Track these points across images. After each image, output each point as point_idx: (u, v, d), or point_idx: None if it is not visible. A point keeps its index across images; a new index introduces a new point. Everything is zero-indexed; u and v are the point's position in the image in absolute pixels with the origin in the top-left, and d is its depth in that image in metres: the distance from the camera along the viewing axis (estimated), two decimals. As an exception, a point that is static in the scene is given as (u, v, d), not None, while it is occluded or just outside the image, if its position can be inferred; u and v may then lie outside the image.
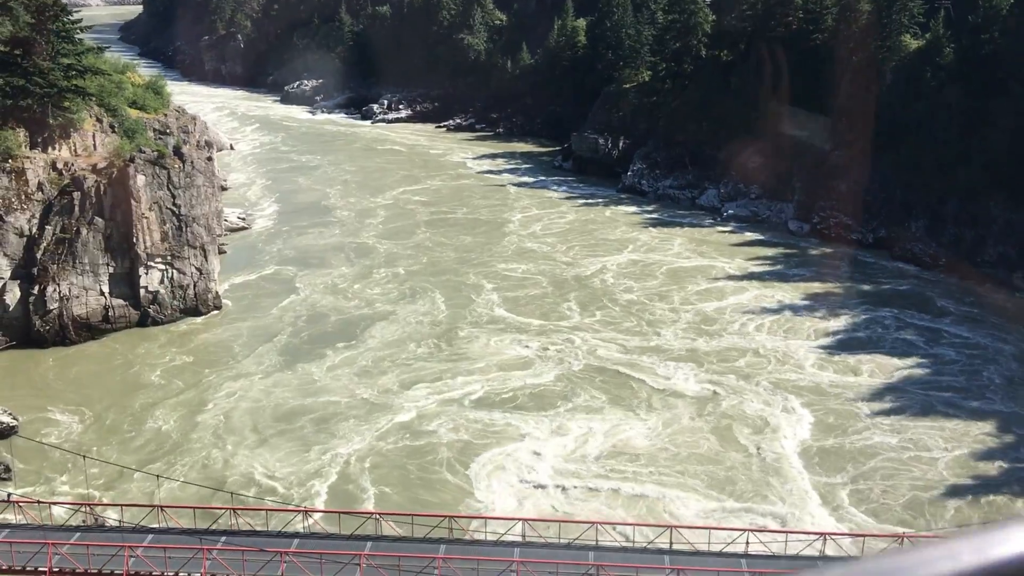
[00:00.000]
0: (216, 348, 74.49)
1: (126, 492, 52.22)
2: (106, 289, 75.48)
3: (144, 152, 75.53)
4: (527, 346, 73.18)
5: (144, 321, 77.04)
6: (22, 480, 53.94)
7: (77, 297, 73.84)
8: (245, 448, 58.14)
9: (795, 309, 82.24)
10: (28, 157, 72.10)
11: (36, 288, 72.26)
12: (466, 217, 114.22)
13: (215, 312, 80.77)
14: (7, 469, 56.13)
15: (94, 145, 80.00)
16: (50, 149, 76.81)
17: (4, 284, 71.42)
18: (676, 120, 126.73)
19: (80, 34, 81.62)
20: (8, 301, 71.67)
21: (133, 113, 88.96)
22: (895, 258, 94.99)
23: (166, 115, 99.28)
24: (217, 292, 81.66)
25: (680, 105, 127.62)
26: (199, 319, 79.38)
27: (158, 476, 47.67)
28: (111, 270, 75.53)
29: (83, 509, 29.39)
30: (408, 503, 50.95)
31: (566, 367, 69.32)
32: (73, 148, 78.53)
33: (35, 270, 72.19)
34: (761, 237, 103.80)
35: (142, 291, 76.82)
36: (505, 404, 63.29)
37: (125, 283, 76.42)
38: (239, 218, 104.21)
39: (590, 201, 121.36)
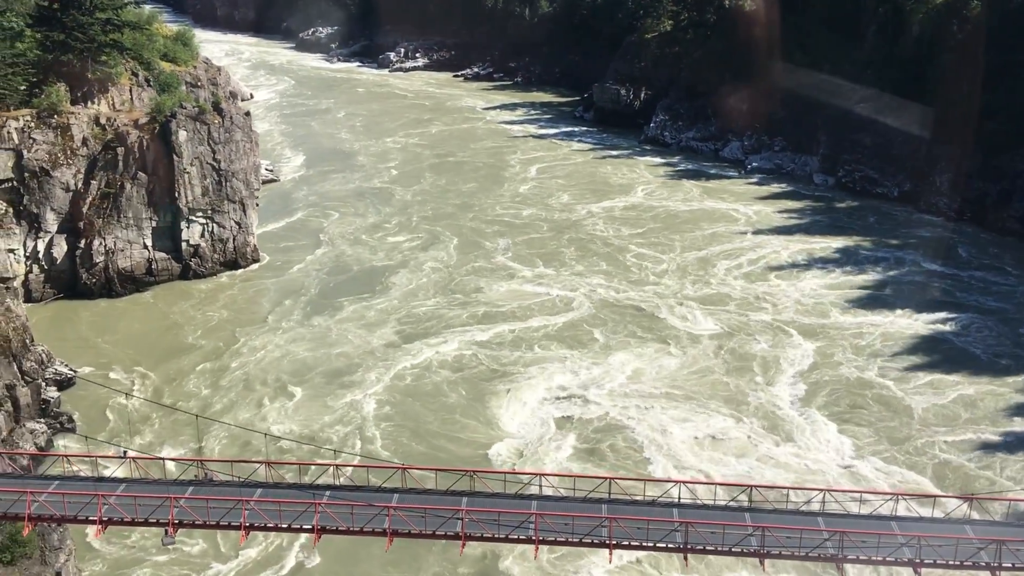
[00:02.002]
0: (256, 301, 76.13)
1: (200, 443, 54.38)
2: (149, 243, 76.89)
3: (185, 108, 76.28)
4: (557, 290, 74.99)
5: (186, 274, 78.59)
6: (87, 429, 56.17)
7: (122, 250, 75.28)
8: (297, 398, 60.12)
9: (823, 260, 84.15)
10: (72, 112, 72.92)
11: (82, 242, 73.67)
12: (487, 167, 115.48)
13: (253, 265, 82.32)
14: (70, 419, 58.29)
15: (131, 99, 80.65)
16: (89, 103, 77.52)
17: (51, 238, 72.79)
18: (699, 71, 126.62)
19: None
20: (55, 254, 73.12)
21: (166, 66, 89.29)
22: (920, 211, 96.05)
23: (195, 67, 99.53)
24: (255, 245, 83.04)
25: (703, 56, 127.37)
26: (238, 272, 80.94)
27: (238, 426, 49.68)
28: (154, 224, 76.86)
29: (196, 464, 31.16)
30: (459, 429, 53.73)
31: (604, 310, 71.20)
32: (111, 102, 79.22)
33: (81, 224, 73.49)
34: (786, 189, 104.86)
35: (184, 244, 78.23)
36: (539, 340, 65.43)
37: (167, 237, 77.80)
38: (267, 170, 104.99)
39: (613, 152, 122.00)
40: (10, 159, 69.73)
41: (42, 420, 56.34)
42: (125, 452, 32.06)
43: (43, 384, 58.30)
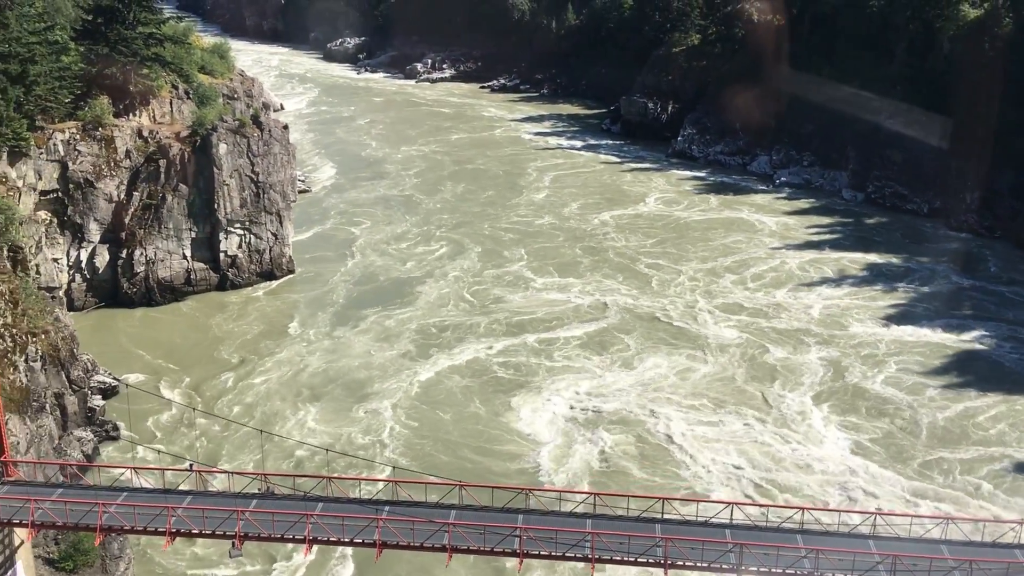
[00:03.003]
0: (290, 312, 77.19)
1: (239, 453, 55.40)
2: (188, 253, 78.16)
3: (226, 121, 77.59)
4: (592, 297, 75.78)
5: (223, 284, 79.80)
6: (132, 437, 57.30)
7: (162, 260, 76.58)
8: (331, 409, 61.06)
9: (852, 273, 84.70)
10: (116, 125, 74.33)
11: (124, 252, 75.00)
12: (512, 175, 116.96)
13: (288, 276, 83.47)
14: (115, 427, 59.43)
15: (171, 112, 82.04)
16: (131, 116, 78.92)
17: (94, 248, 74.15)
18: (727, 85, 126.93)
19: (160, 2, 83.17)
20: (98, 264, 74.48)
21: (204, 79, 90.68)
22: (950, 228, 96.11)
23: (231, 79, 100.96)
24: (290, 256, 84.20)
25: (731, 70, 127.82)
26: (274, 283, 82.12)
27: (287, 439, 50.59)
28: (193, 235, 78.14)
29: (260, 479, 32.02)
30: (494, 440, 54.56)
31: (631, 318, 71.89)
32: (152, 115, 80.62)
33: (123, 234, 74.83)
34: (815, 204, 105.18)
35: (222, 255, 79.47)
36: (567, 349, 66.26)
37: (206, 247, 79.07)
38: (300, 180, 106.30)
39: (640, 165, 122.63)
40: (56, 170, 71.17)
41: (88, 428, 57.48)
42: (191, 465, 32.95)
43: (89, 392, 59.49)
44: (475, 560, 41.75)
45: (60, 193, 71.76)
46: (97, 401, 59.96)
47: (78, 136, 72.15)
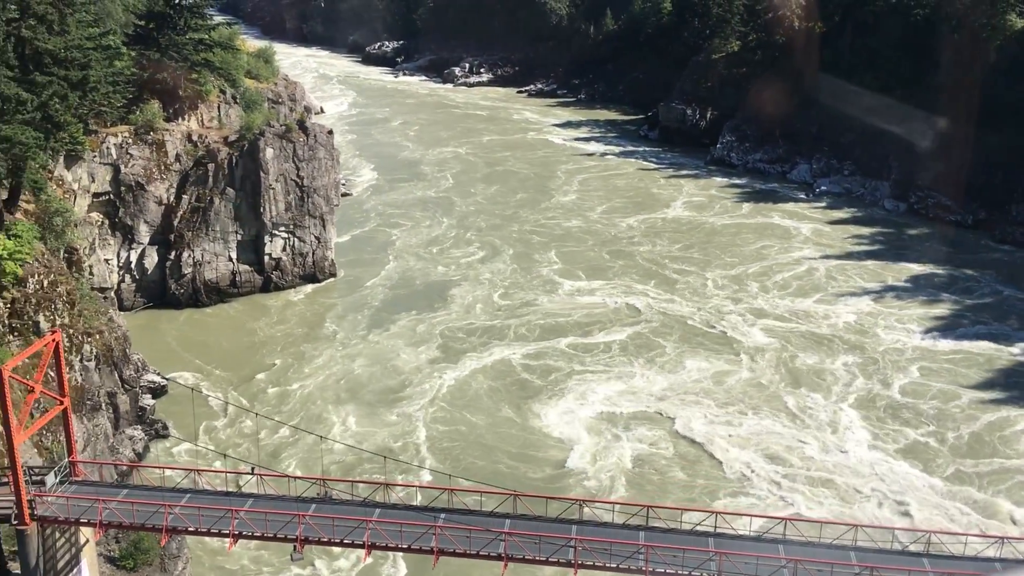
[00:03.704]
0: (331, 315, 78.17)
1: (297, 455, 56.30)
2: (234, 255, 79.40)
3: (273, 126, 78.74)
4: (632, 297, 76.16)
5: (267, 286, 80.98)
6: (179, 434, 58.44)
7: (209, 262, 77.86)
8: (375, 414, 61.82)
9: (895, 288, 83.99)
10: (167, 129, 75.72)
11: (172, 253, 76.35)
12: (546, 179, 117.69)
13: (331, 279, 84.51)
14: (165, 427, 60.60)
15: (219, 116, 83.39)
16: (180, 120, 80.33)
17: (143, 249, 75.59)
18: (766, 92, 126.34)
19: (209, 9, 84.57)
20: (147, 265, 75.92)
21: (249, 83, 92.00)
22: (996, 240, 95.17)
23: (276, 84, 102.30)
24: (332, 260, 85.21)
25: (771, 77, 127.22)
26: (316, 285, 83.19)
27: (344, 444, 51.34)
28: (239, 237, 79.36)
29: (319, 483, 32.70)
30: (537, 445, 55.04)
31: (671, 322, 72.13)
32: (201, 119, 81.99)
33: (171, 236, 76.18)
34: (856, 214, 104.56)
35: (266, 258, 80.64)
36: (605, 352, 66.67)
37: (251, 250, 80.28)
38: (342, 184, 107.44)
39: (678, 172, 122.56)
40: (108, 173, 72.65)
41: (139, 427, 58.70)
42: (253, 468, 33.72)
43: (140, 392, 60.71)
44: (514, 568, 42.15)
45: (112, 195, 73.23)
46: (147, 400, 61.16)
47: (130, 140, 73.59)
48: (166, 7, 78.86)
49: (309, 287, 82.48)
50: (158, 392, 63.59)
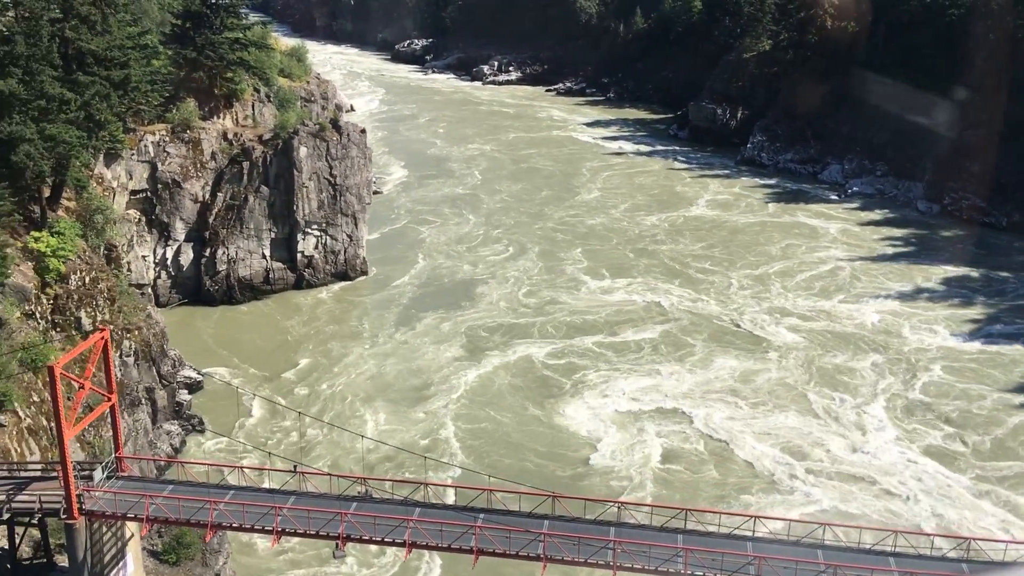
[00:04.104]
0: (362, 313, 78.85)
1: (331, 453, 56.89)
2: (268, 253, 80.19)
3: (307, 125, 79.40)
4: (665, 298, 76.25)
5: (299, 283, 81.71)
6: (215, 429, 59.22)
7: (243, 260, 78.69)
8: (406, 412, 62.29)
9: (926, 290, 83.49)
10: (203, 127, 76.56)
11: (207, 250, 77.24)
12: (570, 178, 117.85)
13: (362, 277, 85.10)
14: (200, 422, 61.41)
15: (253, 114, 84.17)
16: (215, 118, 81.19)
17: (179, 246, 76.53)
18: (798, 92, 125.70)
19: (245, 8, 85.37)
20: (182, 262, 76.85)
21: (283, 82, 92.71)
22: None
23: (308, 82, 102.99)
24: (364, 258, 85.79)
25: (803, 76, 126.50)
26: (347, 283, 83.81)
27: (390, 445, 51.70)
28: (272, 235, 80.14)
29: (360, 482, 33.15)
30: (565, 444, 55.32)
31: (699, 321, 72.14)
32: (235, 117, 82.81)
33: (207, 234, 77.05)
34: (889, 215, 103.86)
35: (299, 255, 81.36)
36: (633, 351, 66.83)
37: (284, 248, 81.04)
38: (372, 182, 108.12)
39: (709, 172, 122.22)
40: (145, 171, 73.61)
41: (176, 422, 59.56)
42: (295, 466, 34.21)
43: (176, 387, 61.57)
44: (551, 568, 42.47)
45: (149, 193, 74.21)
46: (184, 396, 62.02)
47: (167, 138, 74.51)
48: (203, 7, 79.69)
49: (340, 285, 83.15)
50: (194, 387, 64.46)
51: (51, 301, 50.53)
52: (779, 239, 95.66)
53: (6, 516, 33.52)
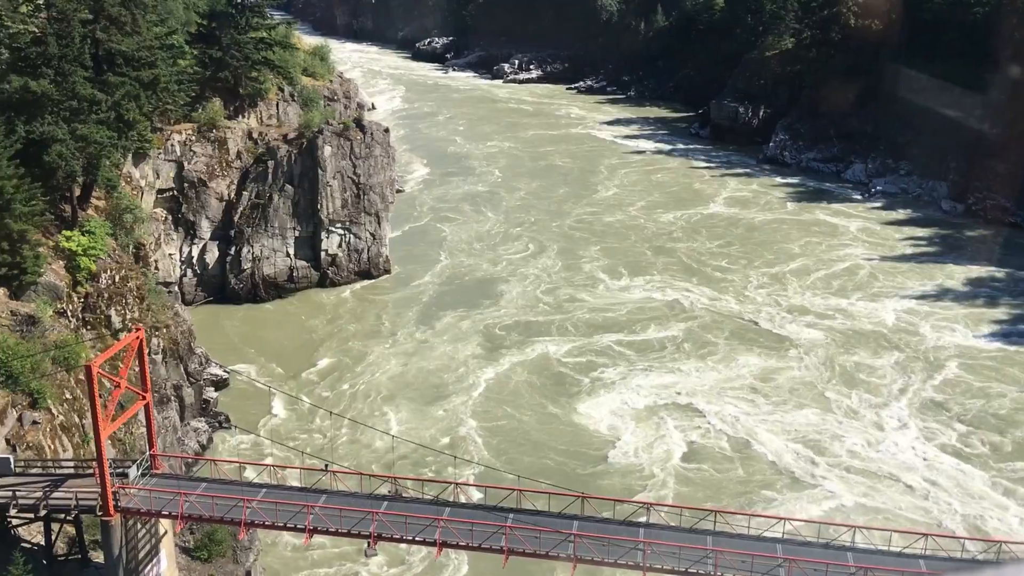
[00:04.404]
0: (384, 311, 79.30)
1: (363, 453, 57.30)
2: (292, 251, 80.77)
3: (331, 124, 79.87)
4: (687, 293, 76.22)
5: (323, 282, 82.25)
6: (241, 426, 59.71)
7: (267, 258, 79.30)
8: (427, 411, 62.62)
9: (950, 288, 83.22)
10: (228, 127, 77.16)
11: (232, 249, 77.87)
12: (588, 176, 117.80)
13: (385, 275, 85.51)
14: (227, 419, 62.00)
15: (277, 114, 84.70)
16: (240, 118, 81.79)
17: (204, 244, 77.21)
18: (821, 90, 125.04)
19: (269, 7, 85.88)
20: (208, 260, 77.53)
21: (306, 81, 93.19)
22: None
23: (331, 81, 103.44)
24: (387, 256, 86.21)
25: (826, 75, 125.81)
26: (371, 282, 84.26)
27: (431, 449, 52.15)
28: (297, 234, 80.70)
29: (390, 481, 33.47)
30: (587, 442, 55.47)
31: (721, 319, 72.10)
32: (260, 117, 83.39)
33: (232, 232, 77.68)
34: (913, 215, 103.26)
35: (322, 254, 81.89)
36: (653, 350, 66.86)
37: (308, 246, 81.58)
38: (395, 180, 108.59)
39: (729, 171, 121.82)
40: (172, 170, 74.30)
41: (203, 419, 60.17)
42: (327, 465, 34.57)
43: (203, 385, 62.19)
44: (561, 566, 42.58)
45: (175, 192, 74.91)
46: (210, 393, 62.65)
47: (193, 137, 75.15)
48: (228, 6, 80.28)
49: (363, 283, 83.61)
50: (220, 385, 65.11)
51: (82, 299, 51.19)
52: (799, 237, 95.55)
53: (43, 513, 34.05)
